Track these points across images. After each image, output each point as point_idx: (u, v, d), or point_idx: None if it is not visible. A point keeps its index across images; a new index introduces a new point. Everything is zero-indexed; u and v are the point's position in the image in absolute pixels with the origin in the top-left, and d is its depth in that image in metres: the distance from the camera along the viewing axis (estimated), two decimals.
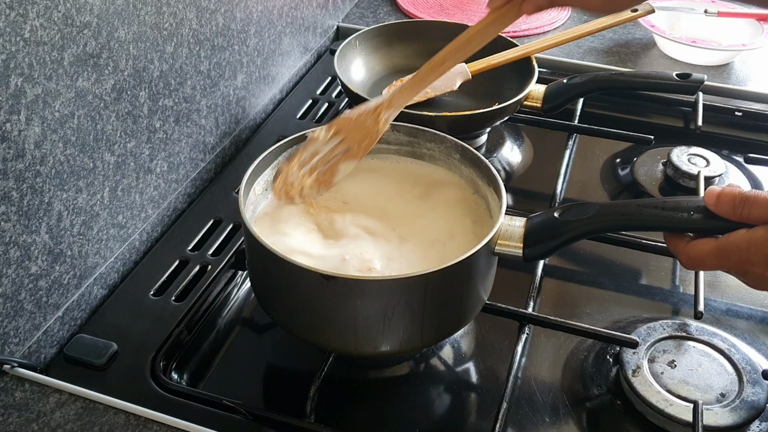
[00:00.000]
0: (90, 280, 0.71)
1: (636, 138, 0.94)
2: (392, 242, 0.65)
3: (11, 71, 0.56)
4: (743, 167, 0.96)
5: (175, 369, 0.67)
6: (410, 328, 0.60)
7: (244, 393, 0.67)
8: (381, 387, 0.69)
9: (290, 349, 0.72)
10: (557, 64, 1.11)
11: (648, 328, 0.70)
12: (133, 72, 0.71)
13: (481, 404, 0.67)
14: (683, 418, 0.62)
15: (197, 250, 0.78)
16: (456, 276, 0.59)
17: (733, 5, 1.20)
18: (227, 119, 0.91)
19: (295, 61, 1.08)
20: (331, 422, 0.62)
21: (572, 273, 0.82)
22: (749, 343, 0.71)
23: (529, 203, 0.92)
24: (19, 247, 0.61)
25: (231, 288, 0.76)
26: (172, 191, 0.82)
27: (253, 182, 0.67)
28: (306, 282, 0.57)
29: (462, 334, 0.73)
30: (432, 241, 0.66)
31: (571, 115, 1.00)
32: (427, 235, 0.66)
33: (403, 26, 1.03)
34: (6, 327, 0.61)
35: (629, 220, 0.58)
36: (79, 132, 0.65)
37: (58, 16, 0.60)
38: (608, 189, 0.95)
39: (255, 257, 0.63)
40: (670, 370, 0.66)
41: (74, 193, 0.66)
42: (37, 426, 0.59)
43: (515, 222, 0.62)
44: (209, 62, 0.84)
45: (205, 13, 0.81)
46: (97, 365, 0.65)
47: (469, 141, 0.89)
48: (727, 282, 0.79)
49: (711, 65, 1.12)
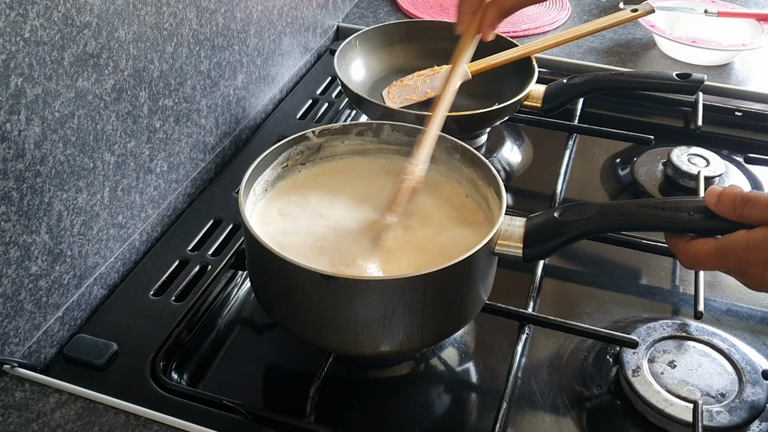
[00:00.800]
0: (90, 280, 0.71)
1: (636, 138, 0.94)
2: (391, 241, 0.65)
3: (11, 71, 0.56)
4: (743, 167, 0.96)
5: (175, 369, 0.67)
6: (410, 328, 0.60)
7: (244, 393, 0.67)
8: (381, 387, 0.69)
9: (290, 349, 0.72)
10: (557, 64, 1.11)
11: (648, 328, 0.70)
12: (133, 72, 0.71)
13: (481, 404, 0.67)
14: (683, 418, 0.62)
15: (197, 250, 0.78)
16: (456, 276, 0.59)
17: (733, 5, 1.20)
18: (227, 119, 0.91)
19: (295, 61, 1.08)
20: (331, 422, 0.62)
21: (572, 273, 0.82)
22: (749, 343, 0.71)
23: (529, 203, 0.92)
24: (19, 247, 0.61)
25: (231, 288, 0.76)
26: (172, 191, 0.82)
27: (253, 182, 0.67)
28: (306, 282, 0.57)
29: (462, 334, 0.73)
30: (432, 241, 0.66)
31: (571, 115, 1.00)
32: (426, 235, 0.66)
33: (403, 26, 1.03)
34: (6, 327, 0.61)
35: (629, 220, 0.58)
36: (79, 132, 0.65)
37: (58, 16, 0.60)
38: (608, 189, 0.95)
39: (255, 257, 0.63)
40: (670, 370, 0.66)
41: (74, 193, 0.66)
42: (37, 426, 0.59)
43: (515, 222, 0.62)
44: (209, 62, 0.84)
45: (205, 13, 0.81)
46: (97, 365, 0.65)
47: (469, 141, 0.89)
48: (727, 282, 0.79)
49: (711, 65, 1.12)
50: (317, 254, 0.64)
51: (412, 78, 0.97)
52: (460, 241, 0.65)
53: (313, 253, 0.64)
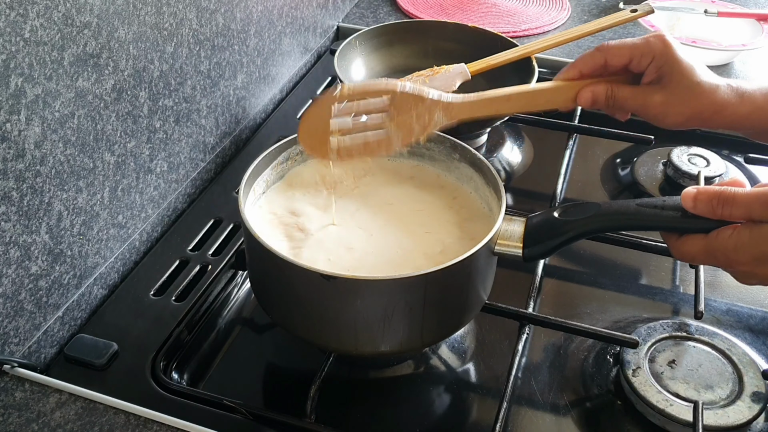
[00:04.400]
0: (90, 280, 0.71)
1: (636, 138, 0.94)
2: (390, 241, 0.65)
3: (11, 71, 0.56)
4: (743, 167, 0.96)
5: (176, 369, 0.68)
6: (410, 328, 0.60)
7: (244, 393, 0.67)
8: (381, 387, 0.69)
9: (290, 349, 0.72)
10: (557, 64, 1.11)
11: (648, 328, 0.70)
12: (133, 72, 0.71)
13: (481, 404, 0.67)
14: (683, 418, 0.62)
15: (197, 250, 0.78)
16: (456, 276, 0.59)
17: (733, 5, 1.20)
18: (227, 119, 0.91)
19: (295, 61, 1.08)
20: (331, 422, 0.62)
21: (572, 273, 0.82)
22: (749, 343, 0.71)
23: (529, 203, 0.92)
24: (19, 247, 0.61)
25: (231, 288, 0.76)
26: (172, 191, 0.82)
27: (253, 182, 0.67)
28: (306, 282, 0.57)
29: (462, 334, 0.73)
30: (431, 240, 0.66)
31: (571, 115, 1.00)
32: (426, 235, 0.66)
33: (403, 26, 1.03)
34: (6, 327, 0.61)
35: (629, 220, 0.58)
36: (79, 132, 0.65)
37: (58, 16, 0.60)
38: (608, 189, 0.95)
39: (255, 257, 0.63)
40: (670, 370, 0.66)
41: (74, 193, 0.66)
42: (37, 426, 0.59)
43: (515, 222, 0.62)
44: (209, 62, 0.84)
45: (205, 13, 0.81)
46: (98, 365, 0.65)
47: (469, 141, 0.89)
48: (727, 282, 0.79)
49: (711, 65, 1.11)
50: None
51: (412, 78, 0.97)
52: (459, 241, 0.65)
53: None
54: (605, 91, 0.64)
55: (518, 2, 1.31)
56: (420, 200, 0.71)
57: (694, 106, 0.63)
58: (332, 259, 0.63)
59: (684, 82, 0.62)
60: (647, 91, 0.64)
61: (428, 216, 0.69)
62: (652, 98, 0.63)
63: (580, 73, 0.65)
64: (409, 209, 0.69)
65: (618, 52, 0.63)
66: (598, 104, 0.65)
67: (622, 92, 0.64)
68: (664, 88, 0.63)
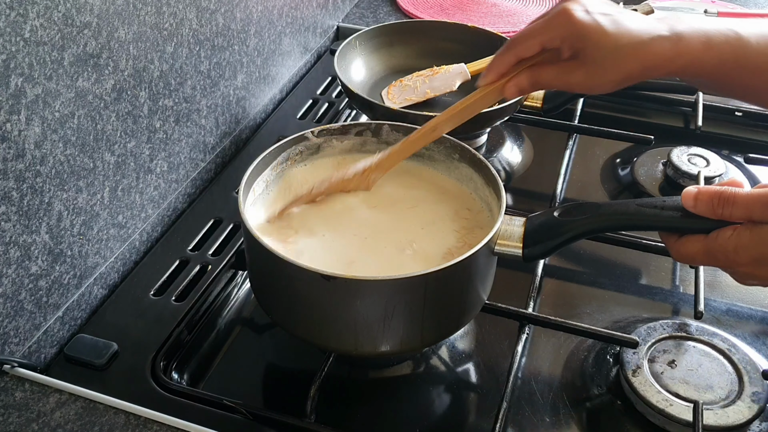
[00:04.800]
0: (90, 280, 0.71)
1: (636, 138, 0.94)
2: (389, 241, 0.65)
3: (11, 71, 0.56)
4: (743, 167, 0.96)
5: (176, 369, 0.68)
6: (410, 328, 0.60)
7: (244, 393, 0.67)
8: (381, 387, 0.69)
9: (290, 349, 0.72)
10: None
11: (648, 328, 0.70)
12: (133, 72, 0.71)
13: (481, 404, 0.67)
14: (683, 418, 0.62)
15: (197, 250, 0.78)
16: (456, 276, 0.59)
17: (733, 5, 1.20)
18: (227, 119, 0.91)
19: (295, 61, 1.08)
20: (331, 422, 0.62)
21: (572, 273, 0.82)
22: (749, 343, 0.71)
23: (529, 203, 0.92)
24: (19, 247, 0.61)
25: (231, 288, 0.76)
26: (172, 191, 0.82)
27: (253, 182, 0.67)
28: (306, 282, 0.57)
29: (462, 334, 0.73)
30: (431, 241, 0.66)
31: (571, 115, 1.00)
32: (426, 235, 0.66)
33: (403, 26, 1.03)
34: (6, 327, 0.61)
35: (629, 220, 0.58)
36: (79, 132, 0.65)
37: (58, 16, 0.60)
38: (608, 189, 0.95)
39: (255, 257, 0.63)
40: (670, 370, 0.66)
41: (74, 193, 0.66)
42: (37, 426, 0.59)
43: (515, 222, 0.62)
44: (209, 62, 0.84)
45: (205, 13, 0.81)
46: (98, 365, 0.65)
47: (469, 141, 0.89)
48: (727, 282, 0.79)
49: None
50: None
51: (412, 78, 0.97)
52: (459, 242, 0.65)
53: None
54: (528, 80, 0.63)
55: (518, 2, 1.31)
56: (419, 200, 0.71)
57: (620, 71, 0.59)
58: (332, 259, 0.63)
59: (600, 52, 0.59)
60: (568, 68, 0.61)
61: (428, 216, 0.69)
62: (574, 75, 0.61)
63: (500, 74, 0.64)
64: (409, 209, 0.69)
65: (527, 45, 0.61)
66: (525, 92, 0.64)
67: (545, 76, 0.62)
68: (584, 62, 0.60)
